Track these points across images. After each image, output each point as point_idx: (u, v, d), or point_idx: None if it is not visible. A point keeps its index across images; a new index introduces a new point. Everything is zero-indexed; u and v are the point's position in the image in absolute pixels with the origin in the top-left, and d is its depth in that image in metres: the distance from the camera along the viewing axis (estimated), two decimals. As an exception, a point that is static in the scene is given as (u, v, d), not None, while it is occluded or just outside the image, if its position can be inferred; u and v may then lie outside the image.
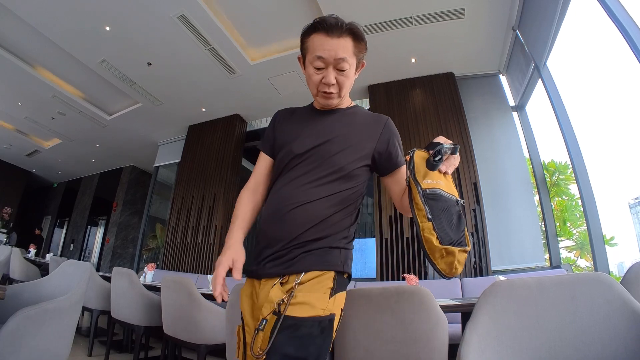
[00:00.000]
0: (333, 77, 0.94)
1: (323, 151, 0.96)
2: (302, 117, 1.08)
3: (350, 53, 0.94)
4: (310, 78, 0.98)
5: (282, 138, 1.04)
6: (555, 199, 5.66)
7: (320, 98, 1.00)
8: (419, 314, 1.30)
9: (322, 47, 0.92)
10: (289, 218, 0.91)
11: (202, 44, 4.18)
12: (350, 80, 0.99)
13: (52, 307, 1.61)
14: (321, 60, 0.93)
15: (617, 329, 0.76)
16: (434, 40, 3.97)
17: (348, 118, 1.03)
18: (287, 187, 0.95)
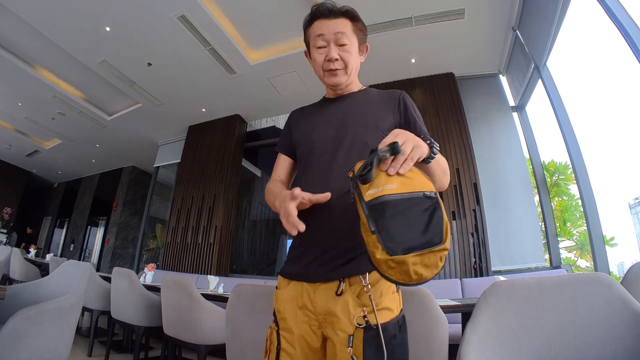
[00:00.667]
0: (335, 52, 0.97)
1: (343, 133, 0.95)
2: (315, 110, 1.09)
3: (349, 30, 0.98)
4: (316, 61, 1.01)
5: (299, 133, 1.05)
6: (555, 199, 5.66)
7: (327, 78, 1.01)
8: (418, 314, 1.30)
9: (321, 27, 0.98)
10: (335, 212, 0.82)
11: (202, 44, 4.18)
12: (354, 58, 1.00)
13: (52, 308, 1.61)
14: (322, 38, 0.97)
15: (617, 329, 0.76)
16: (434, 40, 3.97)
17: (362, 97, 1.05)
18: (321, 176, 0.89)
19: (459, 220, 3.78)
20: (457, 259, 3.63)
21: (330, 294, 0.79)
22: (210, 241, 5.24)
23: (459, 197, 3.85)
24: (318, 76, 1.05)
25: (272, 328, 0.89)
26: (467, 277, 3.50)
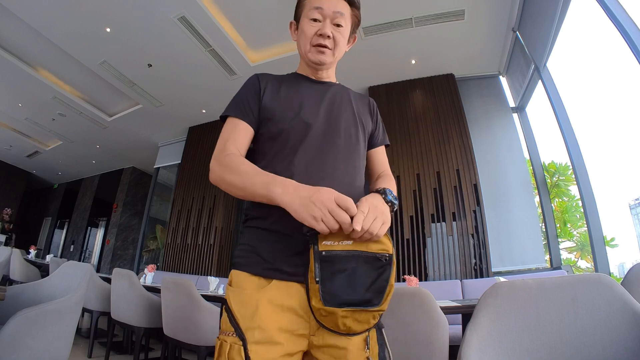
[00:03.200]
0: (330, 29, 0.91)
1: (336, 121, 0.89)
2: (295, 85, 0.95)
3: (347, 13, 0.94)
4: (304, 32, 0.93)
5: (280, 106, 0.88)
6: (555, 200, 5.66)
7: (312, 54, 0.93)
8: (419, 315, 1.30)
9: (321, 1, 0.91)
10: None
11: (202, 46, 4.18)
12: (344, 42, 0.95)
13: (52, 309, 1.61)
14: (319, 12, 0.91)
15: (618, 330, 0.76)
16: (434, 41, 3.97)
17: (344, 92, 0.99)
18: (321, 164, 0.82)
19: (459, 221, 3.78)
20: (458, 260, 3.63)
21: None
22: (211, 242, 5.24)
23: (459, 198, 3.85)
24: (301, 51, 0.96)
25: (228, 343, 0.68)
26: (468, 278, 3.50)
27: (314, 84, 0.97)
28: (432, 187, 4.00)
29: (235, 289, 0.75)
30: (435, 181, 4.02)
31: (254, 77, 0.95)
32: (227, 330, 0.70)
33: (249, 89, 0.93)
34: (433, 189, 3.99)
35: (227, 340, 0.69)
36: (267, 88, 0.92)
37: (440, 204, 3.90)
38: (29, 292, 1.98)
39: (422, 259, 3.81)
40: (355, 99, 1.01)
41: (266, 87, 0.92)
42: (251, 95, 0.91)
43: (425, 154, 4.17)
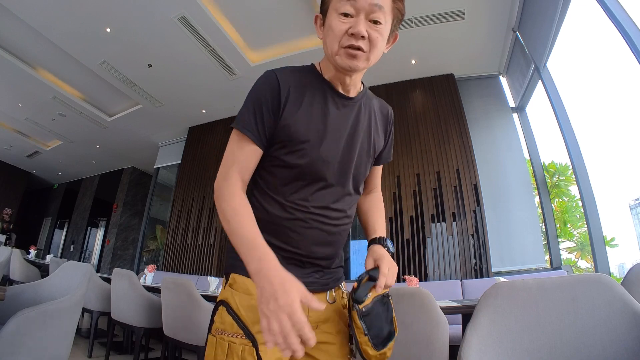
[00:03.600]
0: (364, 27, 0.73)
1: (351, 161, 0.84)
2: (319, 101, 0.82)
3: (388, 6, 0.75)
4: (332, 29, 0.76)
5: (300, 134, 0.78)
6: (555, 200, 5.66)
7: (342, 57, 0.76)
8: (419, 315, 1.30)
9: None
10: (336, 240, 0.85)
11: (202, 46, 4.18)
12: (382, 43, 0.77)
13: (52, 309, 1.61)
14: (351, 4, 0.73)
15: (618, 330, 0.76)
16: (434, 41, 3.97)
17: (367, 109, 0.89)
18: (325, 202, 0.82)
19: (459, 221, 3.78)
20: (458, 260, 3.63)
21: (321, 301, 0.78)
22: (211, 242, 5.24)
23: (459, 198, 3.85)
24: (327, 52, 0.80)
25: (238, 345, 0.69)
26: (468, 279, 3.50)
27: (339, 104, 0.83)
28: (432, 187, 4.00)
29: (241, 294, 0.75)
30: (435, 181, 4.02)
31: (274, 81, 0.81)
32: (234, 332, 0.71)
33: (267, 97, 0.80)
34: (433, 189, 3.99)
35: (235, 342, 0.70)
36: (288, 100, 0.80)
37: (440, 204, 3.90)
38: (29, 292, 1.98)
39: (422, 259, 3.81)
40: (376, 116, 0.92)
41: (287, 99, 0.80)
42: (267, 107, 0.79)
43: (425, 154, 4.17)
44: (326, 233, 0.81)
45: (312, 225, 0.79)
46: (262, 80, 0.83)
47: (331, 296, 0.85)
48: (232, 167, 0.80)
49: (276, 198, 0.80)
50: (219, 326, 0.73)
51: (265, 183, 0.82)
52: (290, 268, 0.72)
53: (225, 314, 0.73)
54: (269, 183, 0.82)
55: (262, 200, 0.81)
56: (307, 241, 0.80)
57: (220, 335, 0.72)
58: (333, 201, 0.82)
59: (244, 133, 0.80)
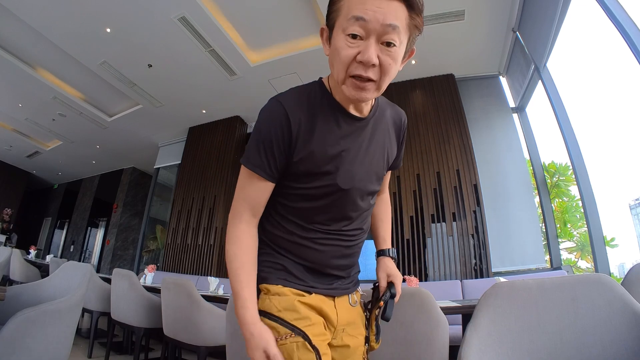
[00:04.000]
0: (375, 53, 0.64)
1: (367, 181, 0.83)
2: (331, 125, 0.77)
3: (403, 24, 0.65)
4: (339, 53, 0.66)
5: (315, 166, 0.76)
6: (555, 200, 5.66)
7: (349, 88, 0.69)
8: (419, 315, 1.30)
9: (364, 5, 0.63)
10: (354, 252, 0.89)
11: (202, 46, 4.18)
12: (395, 69, 0.69)
13: (52, 309, 1.61)
14: (360, 25, 0.63)
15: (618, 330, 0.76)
16: (434, 41, 3.97)
17: (382, 125, 0.85)
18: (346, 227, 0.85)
19: (459, 221, 3.78)
20: (458, 261, 3.63)
21: (346, 306, 0.86)
22: (211, 242, 5.24)
23: (459, 198, 3.85)
24: (334, 76, 0.72)
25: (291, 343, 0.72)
26: (468, 279, 3.49)
27: (352, 126, 0.79)
28: (432, 187, 4.00)
29: (278, 297, 0.77)
30: (435, 181, 4.02)
31: (283, 116, 0.74)
32: (281, 334, 0.73)
33: (277, 133, 0.74)
34: (433, 189, 3.99)
35: (286, 343, 0.72)
36: (299, 133, 0.74)
37: (440, 204, 3.90)
38: (29, 292, 1.98)
39: (422, 259, 3.81)
40: (389, 127, 0.89)
41: (298, 133, 0.74)
42: (277, 144, 0.74)
43: (425, 154, 4.17)
44: (344, 248, 0.85)
45: (331, 243, 0.83)
46: (269, 115, 0.76)
47: (353, 299, 0.88)
48: (242, 203, 0.80)
49: (297, 222, 0.81)
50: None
51: (285, 209, 0.82)
52: (314, 276, 0.82)
53: (268, 322, 0.74)
54: (290, 210, 0.82)
55: (282, 221, 0.83)
56: (327, 255, 0.83)
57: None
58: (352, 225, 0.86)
59: (254, 171, 0.77)
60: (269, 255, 0.82)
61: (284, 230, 0.82)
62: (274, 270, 0.80)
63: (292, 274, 0.80)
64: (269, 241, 0.84)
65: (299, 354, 0.70)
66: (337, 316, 0.82)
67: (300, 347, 0.71)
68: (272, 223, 0.84)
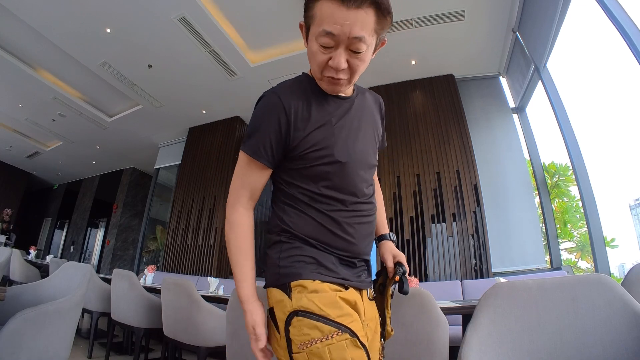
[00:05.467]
0: (344, 60, 0.74)
1: (365, 153, 0.88)
2: (323, 106, 0.84)
3: (370, 30, 0.72)
4: (314, 56, 0.77)
5: (314, 145, 0.80)
6: (555, 200, 5.66)
7: (325, 84, 0.81)
8: (419, 316, 1.30)
9: (333, 19, 0.69)
10: (372, 230, 0.90)
11: (202, 46, 4.19)
12: (365, 65, 0.78)
13: (52, 309, 1.61)
14: (330, 37, 0.71)
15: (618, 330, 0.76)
16: (434, 42, 3.97)
17: (364, 104, 0.93)
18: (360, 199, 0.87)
19: (459, 221, 3.78)
20: (458, 261, 3.63)
21: (367, 300, 0.85)
22: (211, 243, 5.24)
23: (459, 199, 3.85)
24: (312, 70, 0.84)
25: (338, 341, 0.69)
26: (468, 279, 3.49)
27: (341, 106, 0.87)
28: (432, 187, 4.00)
29: (318, 294, 0.73)
30: (435, 182, 4.02)
31: (278, 103, 0.80)
32: (325, 334, 0.69)
33: (272, 120, 0.79)
34: (433, 189, 3.99)
35: (333, 342, 0.68)
36: (297, 118, 0.80)
37: (441, 204, 3.90)
38: (29, 292, 1.98)
39: (422, 259, 3.81)
40: (372, 108, 0.96)
41: (296, 118, 0.80)
42: (274, 130, 0.79)
43: (425, 154, 4.17)
44: (365, 224, 0.86)
45: (355, 221, 0.84)
46: (265, 104, 0.82)
47: (370, 293, 0.88)
48: (240, 190, 0.86)
49: (317, 206, 0.82)
50: (304, 338, 0.69)
51: (302, 194, 0.83)
52: (345, 267, 0.82)
53: (308, 322, 0.70)
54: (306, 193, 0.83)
55: (305, 209, 0.82)
56: (355, 236, 0.83)
57: (311, 346, 0.68)
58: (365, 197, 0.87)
59: (253, 157, 0.81)
60: (298, 249, 0.79)
61: (309, 217, 0.81)
62: (306, 264, 0.78)
63: (325, 266, 0.78)
64: (297, 233, 0.81)
65: (350, 353, 0.68)
66: (365, 311, 0.81)
67: (350, 345, 0.69)
68: (296, 214, 0.82)
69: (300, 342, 0.69)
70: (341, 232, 0.81)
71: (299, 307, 0.72)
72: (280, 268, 0.78)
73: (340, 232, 0.81)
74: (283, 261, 0.79)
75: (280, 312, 0.75)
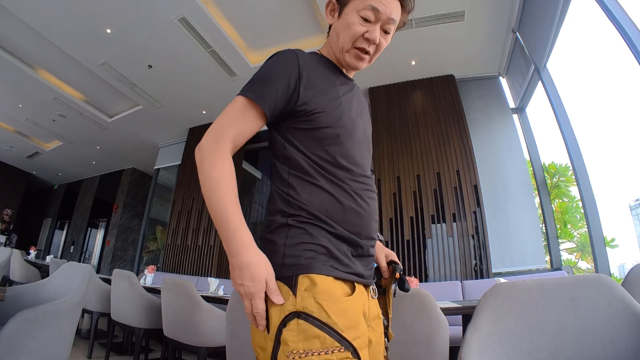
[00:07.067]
0: (378, 35, 0.82)
1: (366, 135, 0.89)
2: (333, 79, 0.86)
3: (399, 18, 0.84)
4: (350, 27, 0.81)
5: (321, 102, 0.78)
6: (555, 200, 5.67)
7: (351, 56, 0.85)
8: (419, 316, 1.30)
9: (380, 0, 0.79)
10: (377, 209, 0.85)
11: (202, 47, 4.19)
12: (384, 47, 0.87)
13: (52, 309, 1.61)
14: (374, 13, 0.80)
15: (619, 330, 0.76)
16: (434, 42, 3.97)
17: (360, 94, 0.96)
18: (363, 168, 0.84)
19: (459, 222, 3.77)
20: (458, 261, 3.62)
21: (370, 298, 0.78)
22: (211, 243, 5.24)
23: (459, 199, 3.85)
24: (337, 45, 0.86)
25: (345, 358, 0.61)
26: (468, 279, 3.49)
27: (346, 84, 0.88)
28: (432, 187, 4.00)
29: (327, 296, 0.64)
30: (435, 182, 4.01)
31: (294, 59, 0.81)
32: (326, 347, 0.60)
33: (285, 73, 0.78)
34: (433, 189, 3.99)
35: (332, 357, 0.59)
36: (309, 78, 0.79)
37: (441, 204, 3.90)
38: (28, 293, 1.98)
39: (422, 259, 3.81)
40: (364, 102, 0.98)
41: (308, 78, 0.79)
42: (284, 84, 0.76)
43: (425, 154, 4.17)
44: (375, 200, 0.83)
45: (365, 195, 0.79)
46: (280, 56, 0.83)
47: (373, 291, 0.81)
48: (227, 129, 0.74)
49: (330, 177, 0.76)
50: (298, 346, 0.60)
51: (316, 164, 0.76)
52: (358, 260, 0.75)
53: (310, 329, 0.60)
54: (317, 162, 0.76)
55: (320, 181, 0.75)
56: (371, 210, 0.79)
57: (305, 357, 0.59)
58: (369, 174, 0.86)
59: (254, 100, 0.75)
60: (309, 236, 0.70)
61: (319, 188, 0.74)
62: (317, 255, 0.68)
63: (337, 258, 0.70)
64: (310, 210, 0.72)
65: None
66: (369, 310, 0.75)
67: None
68: (304, 185, 0.74)
69: (293, 350, 0.59)
70: (354, 205, 0.75)
71: (304, 308, 0.62)
72: (285, 257, 0.67)
73: (354, 204, 0.75)
74: (290, 249, 0.68)
75: (275, 309, 0.63)
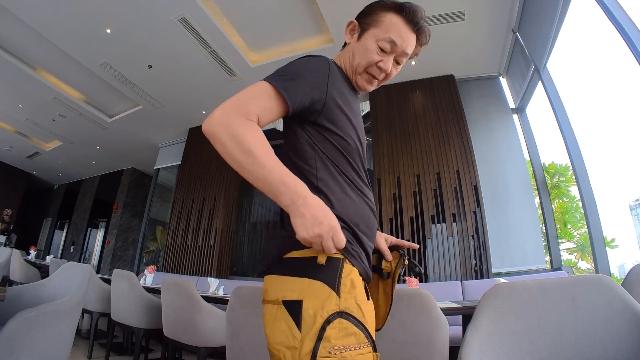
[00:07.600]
0: (391, 66, 0.88)
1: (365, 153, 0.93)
2: (349, 93, 0.89)
3: (412, 51, 0.91)
4: (367, 53, 0.86)
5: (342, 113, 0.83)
6: (555, 200, 5.67)
7: (362, 79, 0.90)
8: (419, 316, 1.30)
9: (399, 33, 0.85)
10: None
11: (202, 47, 4.19)
12: None
13: (52, 310, 1.61)
14: (391, 45, 0.85)
15: (619, 331, 0.76)
16: (434, 42, 3.91)
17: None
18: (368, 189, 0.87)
19: (459, 222, 3.77)
20: (458, 261, 3.62)
21: None
22: (211, 243, 5.24)
23: (459, 199, 3.85)
24: (352, 64, 0.89)
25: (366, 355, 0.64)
26: (468, 279, 3.49)
27: (357, 99, 0.94)
28: (432, 188, 4.00)
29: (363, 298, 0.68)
30: (435, 182, 4.01)
31: (327, 65, 0.82)
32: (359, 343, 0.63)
33: (316, 74, 0.79)
34: (433, 189, 3.99)
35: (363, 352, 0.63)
36: (334, 87, 0.81)
37: (441, 204, 3.90)
38: (28, 293, 1.98)
39: (422, 260, 3.81)
40: None
41: (333, 86, 0.81)
42: (313, 84, 0.78)
43: (425, 154, 4.17)
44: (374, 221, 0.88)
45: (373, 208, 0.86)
46: (316, 59, 0.83)
47: None
48: (251, 102, 0.73)
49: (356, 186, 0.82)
50: (338, 342, 0.61)
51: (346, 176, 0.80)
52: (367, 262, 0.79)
53: (349, 326, 0.63)
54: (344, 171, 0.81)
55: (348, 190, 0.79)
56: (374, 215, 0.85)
57: (345, 352, 0.61)
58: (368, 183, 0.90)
59: (282, 92, 0.74)
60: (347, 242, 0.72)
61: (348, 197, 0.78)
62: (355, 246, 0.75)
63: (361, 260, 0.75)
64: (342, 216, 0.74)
65: None
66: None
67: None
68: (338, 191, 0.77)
69: (335, 346, 0.61)
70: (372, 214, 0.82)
71: (346, 308, 0.64)
72: None
73: (371, 213, 0.82)
74: None
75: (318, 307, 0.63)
